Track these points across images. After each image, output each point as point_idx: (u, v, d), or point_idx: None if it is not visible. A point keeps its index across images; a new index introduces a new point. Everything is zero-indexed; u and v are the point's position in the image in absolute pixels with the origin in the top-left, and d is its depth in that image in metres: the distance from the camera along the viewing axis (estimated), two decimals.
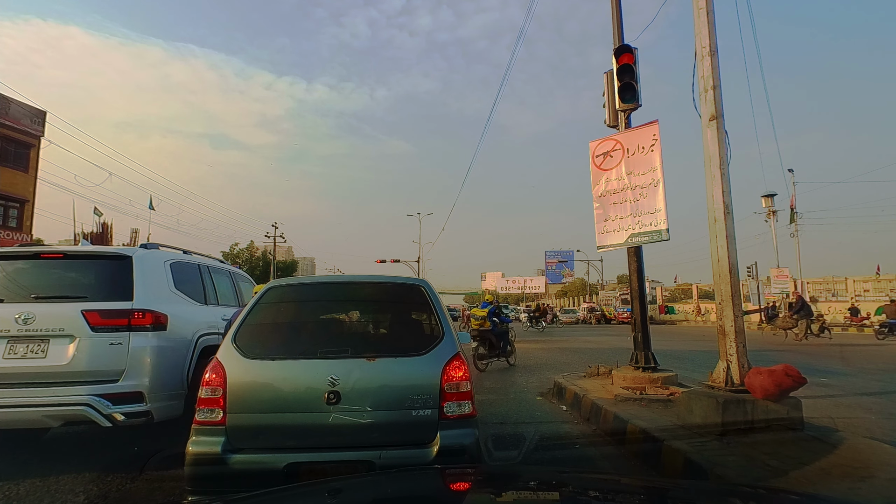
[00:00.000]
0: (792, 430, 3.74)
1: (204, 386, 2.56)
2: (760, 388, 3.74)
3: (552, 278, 71.38)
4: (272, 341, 2.95)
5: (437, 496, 1.52)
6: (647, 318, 6.69)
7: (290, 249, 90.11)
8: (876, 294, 29.22)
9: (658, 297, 44.05)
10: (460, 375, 2.66)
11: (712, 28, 4.44)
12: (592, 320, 38.47)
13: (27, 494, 3.17)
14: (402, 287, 3.43)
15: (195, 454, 2.44)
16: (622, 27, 6.93)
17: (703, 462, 3.17)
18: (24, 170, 25.78)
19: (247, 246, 46.88)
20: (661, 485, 2.08)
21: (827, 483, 2.84)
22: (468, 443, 2.56)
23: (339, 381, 2.53)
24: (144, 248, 4.51)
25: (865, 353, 12.66)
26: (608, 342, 16.85)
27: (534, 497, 1.42)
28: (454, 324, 3.21)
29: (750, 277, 31.04)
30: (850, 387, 7.30)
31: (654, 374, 6.05)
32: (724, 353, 4.14)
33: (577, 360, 10.89)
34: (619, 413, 4.67)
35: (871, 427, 4.69)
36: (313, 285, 3.60)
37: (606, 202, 6.65)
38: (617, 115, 6.80)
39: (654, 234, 6.06)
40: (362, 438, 2.51)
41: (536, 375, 8.73)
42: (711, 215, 4.30)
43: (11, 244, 10.24)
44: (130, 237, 28.56)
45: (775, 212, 32.21)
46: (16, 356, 3.56)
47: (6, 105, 24.43)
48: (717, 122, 4.32)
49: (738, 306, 4.14)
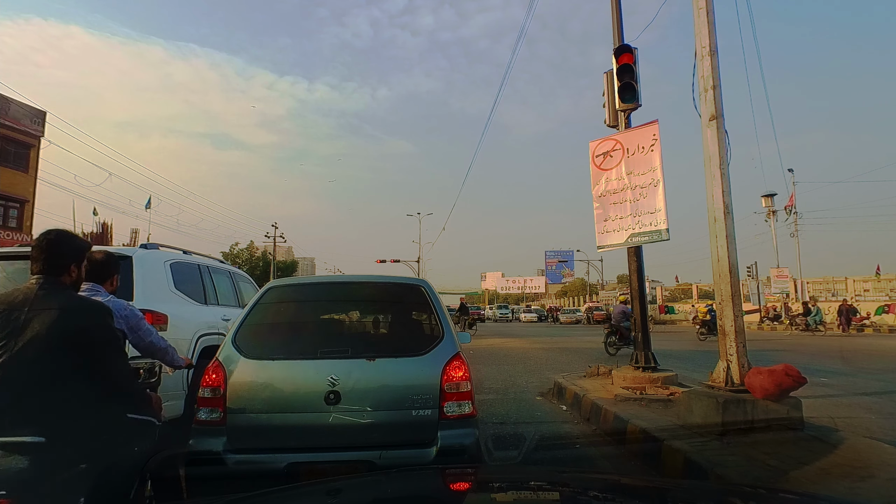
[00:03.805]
0: (792, 429, 3.74)
1: (204, 386, 2.56)
2: (760, 388, 3.74)
3: (552, 278, 71.44)
4: (272, 341, 2.95)
5: (437, 496, 1.51)
6: (647, 317, 6.69)
7: (290, 249, 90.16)
8: (876, 294, 29.23)
9: (658, 297, 44.05)
10: (460, 375, 2.66)
11: (712, 28, 4.44)
12: (586, 320, 34.73)
13: None
14: (402, 287, 3.43)
15: (195, 454, 2.44)
16: (622, 27, 6.93)
17: (704, 462, 3.17)
18: (24, 170, 25.80)
19: (247, 246, 46.87)
20: (661, 485, 2.08)
21: (827, 483, 2.84)
22: (468, 443, 2.56)
23: (339, 381, 2.53)
24: (144, 248, 4.51)
25: (866, 353, 12.66)
26: None
27: (534, 497, 1.42)
28: (454, 324, 3.21)
29: (750, 277, 31.06)
30: (850, 387, 7.31)
31: (655, 374, 6.05)
32: (724, 352, 4.14)
33: (577, 360, 10.89)
34: (619, 413, 4.67)
35: (871, 427, 4.69)
36: (313, 285, 3.60)
37: (606, 202, 6.65)
38: (617, 114, 6.80)
39: (654, 234, 6.06)
40: (362, 438, 2.51)
41: (536, 375, 8.73)
42: (711, 215, 4.30)
43: (11, 244, 10.23)
44: (130, 237, 28.61)
45: (775, 212, 32.23)
46: None
47: (6, 105, 24.44)
48: (717, 121, 4.32)
49: (738, 306, 4.14)
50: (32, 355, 1.71)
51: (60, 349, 1.76)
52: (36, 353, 1.71)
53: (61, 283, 1.90)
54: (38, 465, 1.64)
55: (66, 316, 1.80)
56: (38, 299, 1.79)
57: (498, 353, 12.96)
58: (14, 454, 1.66)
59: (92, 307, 1.96)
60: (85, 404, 1.82)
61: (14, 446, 1.66)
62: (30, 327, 1.73)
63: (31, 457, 1.65)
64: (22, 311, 1.76)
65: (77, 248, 2.00)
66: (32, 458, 1.65)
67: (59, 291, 1.87)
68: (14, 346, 1.70)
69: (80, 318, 1.84)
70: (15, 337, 1.71)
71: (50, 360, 1.74)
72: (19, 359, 1.69)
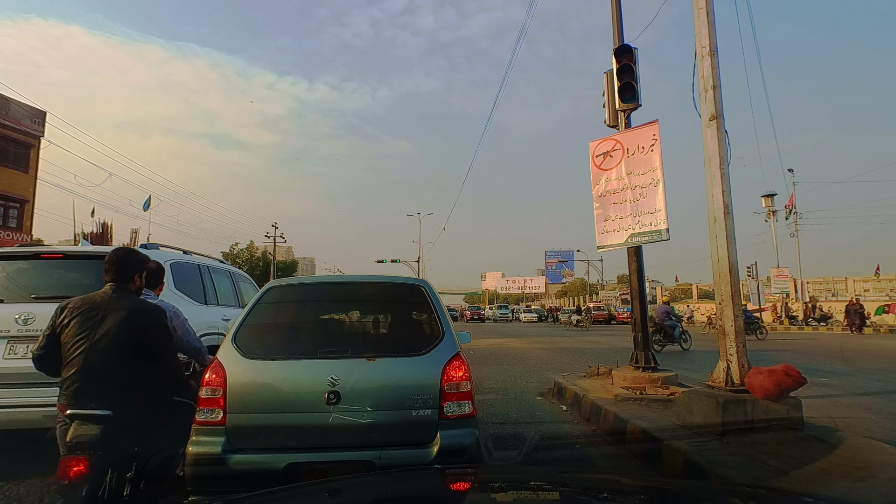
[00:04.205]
0: (792, 429, 3.74)
1: (204, 386, 2.56)
2: (760, 388, 3.74)
3: (552, 278, 71.42)
4: (272, 341, 2.95)
5: (437, 496, 1.52)
6: (647, 318, 6.69)
7: (290, 249, 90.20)
8: (876, 294, 29.25)
9: (658, 297, 44.08)
10: (460, 375, 2.66)
11: (712, 28, 4.44)
12: (585, 322, 30.96)
13: (27, 494, 3.17)
14: (402, 287, 3.42)
15: (195, 454, 2.44)
16: (622, 27, 6.93)
17: (703, 462, 3.17)
18: (24, 170, 25.79)
19: (247, 246, 46.88)
20: (661, 485, 2.08)
21: (827, 483, 2.84)
22: (468, 443, 2.56)
23: (339, 381, 2.53)
24: (144, 248, 4.50)
25: (866, 353, 12.66)
26: (608, 342, 16.86)
27: (534, 497, 1.42)
28: (454, 323, 3.21)
29: (750, 277, 31.07)
30: (850, 387, 7.31)
31: (654, 374, 6.05)
32: (724, 352, 4.14)
33: (577, 360, 10.89)
34: (619, 413, 4.67)
35: (871, 427, 4.69)
36: (313, 285, 3.60)
37: (606, 202, 6.65)
38: (617, 114, 6.80)
39: (654, 234, 6.06)
40: (362, 438, 2.51)
41: (536, 375, 8.73)
42: (711, 215, 4.30)
43: (11, 244, 10.24)
44: (130, 237, 28.55)
45: (775, 212, 32.23)
46: (16, 356, 3.56)
47: (6, 105, 24.44)
48: (717, 121, 4.32)
49: (738, 306, 4.14)
50: (105, 345, 2.21)
51: (126, 341, 2.24)
52: (108, 344, 2.21)
53: (128, 289, 2.43)
54: (106, 433, 2.13)
55: (132, 315, 2.30)
56: (112, 301, 2.31)
57: (498, 353, 12.96)
58: (88, 423, 2.15)
59: (152, 309, 2.46)
60: (142, 386, 2.28)
61: (89, 417, 2.15)
62: (104, 323, 2.25)
63: (101, 426, 2.14)
64: (100, 311, 2.27)
65: (140, 262, 2.56)
66: (102, 427, 2.14)
67: (127, 296, 2.40)
68: (93, 337, 2.21)
69: (143, 317, 2.34)
70: (94, 329, 2.23)
71: (118, 350, 2.22)
72: (96, 348, 2.19)
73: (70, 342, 2.22)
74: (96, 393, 2.17)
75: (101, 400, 2.16)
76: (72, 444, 2.13)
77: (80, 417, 2.16)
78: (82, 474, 2.02)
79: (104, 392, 2.18)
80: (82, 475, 2.02)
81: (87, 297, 2.35)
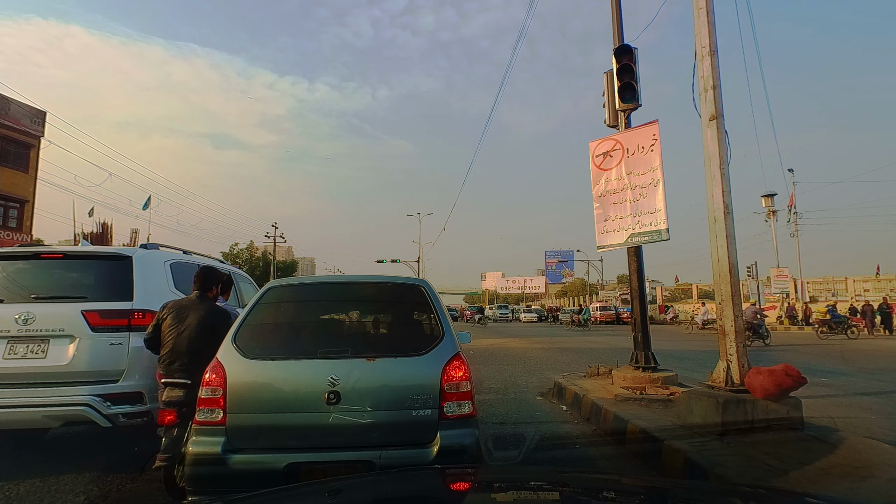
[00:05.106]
0: (792, 429, 3.74)
1: (204, 386, 2.56)
2: (760, 388, 3.74)
3: (552, 278, 71.38)
4: (272, 341, 2.95)
5: (437, 496, 1.52)
6: (647, 317, 6.69)
7: (290, 249, 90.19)
8: (876, 294, 29.23)
9: (658, 297, 44.07)
10: (460, 375, 2.66)
11: (712, 28, 4.44)
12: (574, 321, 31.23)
13: (27, 494, 3.17)
14: (402, 287, 3.42)
15: (195, 454, 2.44)
16: (622, 27, 6.93)
17: (703, 462, 3.17)
18: (24, 170, 25.76)
19: (247, 246, 46.85)
20: (661, 485, 2.08)
21: (827, 483, 2.84)
22: (468, 443, 2.56)
23: (339, 381, 2.53)
24: (144, 248, 4.50)
25: (866, 353, 12.66)
26: (608, 342, 16.85)
27: (534, 497, 1.42)
28: (454, 323, 3.21)
29: (750, 277, 31.07)
30: (850, 387, 7.31)
31: (655, 374, 6.04)
32: (724, 352, 4.14)
33: (577, 360, 10.89)
34: (619, 413, 4.67)
35: (871, 427, 4.69)
36: (313, 285, 3.60)
37: (606, 202, 6.65)
38: (617, 114, 6.80)
39: (654, 234, 6.06)
40: (362, 438, 2.51)
41: (536, 375, 8.73)
42: (711, 215, 4.30)
43: (11, 244, 10.23)
44: (130, 237, 28.51)
45: (775, 212, 32.21)
46: (16, 356, 3.56)
47: (6, 105, 24.42)
48: (717, 121, 4.32)
49: (738, 306, 4.14)
50: (188, 335, 3.19)
51: (202, 333, 3.18)
52: (189, 334, 3.19)
53: (208, 297, 3.48)
54: (187, 395, 2.99)
55: (208, 315, 3.30)
56: (194, 304, 3.35)
57: (498, 353, 12.96)
58: (176, 389, 3.08)
59: (223, 311, 3.43)
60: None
61: (177, 385, 3.09)
62: (188, 319, 3.24)
63: (184, 391, 3.04)
64: (187, 311, 3.29)
65: (218, 276, 3.64)
66: (185, 392, 3.03)
67: (206, 301, 3.43)
68: (180, 328, 3.21)
69: (215, 317, 3.31)
70: (181, 323, 3.23)
71: (195, 338, 3.17)
72: (181, 337, 3.19)
73: (166, 331, 3.22)
74: (180, 367, 3.13)
75: (184, 372, 3.09)
76: (165, 402, 3.08)
77: (170, 384, 3.10)
78: (173, 422, 2.98)
79: (185, 367, 3.11)
80: (173, 423, 2.98)
81: (179, 301, 3.43)
